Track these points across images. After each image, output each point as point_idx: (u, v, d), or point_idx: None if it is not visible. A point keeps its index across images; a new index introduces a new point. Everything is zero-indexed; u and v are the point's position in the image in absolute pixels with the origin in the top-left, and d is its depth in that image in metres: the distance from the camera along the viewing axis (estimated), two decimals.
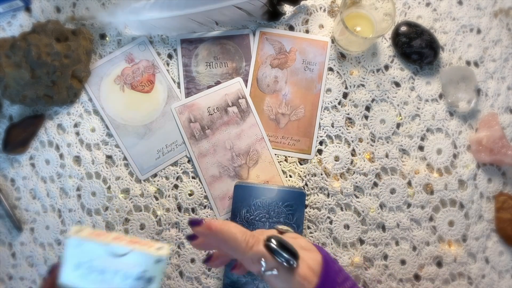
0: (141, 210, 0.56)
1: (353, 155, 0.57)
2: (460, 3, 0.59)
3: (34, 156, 0.56)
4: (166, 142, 0.56)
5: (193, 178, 0.56)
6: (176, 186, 0.56)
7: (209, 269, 0.55)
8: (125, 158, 0.56)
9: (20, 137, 0.55)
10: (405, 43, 0.56)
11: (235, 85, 0.57)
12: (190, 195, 0.56)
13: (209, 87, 0.57)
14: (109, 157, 0.57)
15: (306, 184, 0.56)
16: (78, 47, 0.54)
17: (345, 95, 0.58)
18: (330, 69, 0.58)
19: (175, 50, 0.58)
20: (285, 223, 0.51)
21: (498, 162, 0.56)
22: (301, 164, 0.56)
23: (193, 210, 0.56)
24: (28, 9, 0.58)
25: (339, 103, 0.57)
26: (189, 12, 0.54)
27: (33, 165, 0.56)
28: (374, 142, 0.57)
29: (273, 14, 0.57)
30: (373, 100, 0.57)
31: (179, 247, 0.55)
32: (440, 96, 0.57)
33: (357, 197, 0.56)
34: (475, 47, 0.58)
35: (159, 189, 0.56)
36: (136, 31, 0.57)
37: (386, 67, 0.58)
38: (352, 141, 0.57)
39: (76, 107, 0.57)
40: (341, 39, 0.56)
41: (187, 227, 0.55)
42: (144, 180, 0.56)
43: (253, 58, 0.57)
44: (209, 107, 0.57)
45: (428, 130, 0.57)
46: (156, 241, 0.34)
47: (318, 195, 0.56)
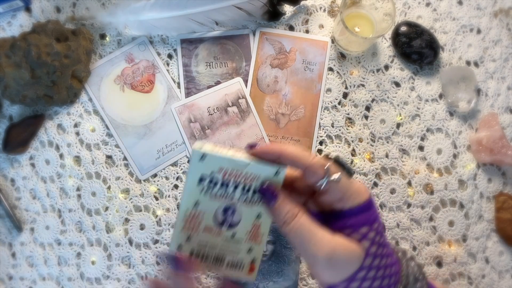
0: (141, 210, 0.56)
1: (353, 155, 0.57)
2: (460, 3, 0.59)
3: (34, 156, 0.56)
4: (166, 142, 0.56)
5: None
6: (176, 186, 0.56)
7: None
8: (125, 158, 0.56)
9: (20, 137, 0.55)
10: (405, 43, 0.56)
11: (235, 85, 0.57)
12: None
13: (209, 87, 0.57)
14: (109, 157, 0.57)
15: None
16: (78, 47, 0.54)
17: (345, 95, 0.58)
18: (330, 69, 0.58)
19: (175, 50, 0.58)
20: None
21: (498, 162, 0.56)
22: None
23: None
24: (28, 9, 0.58)
25: (339, 103, 0.57)
26: (189, 12, 0.54)
27: (33, 165, 0.56)
28: (374, 142, 0.57)
29: (273, 14, 0.57)
30: (373, 100, 0.57)
31: None
32: (440, 96, 0.57)
33: None
34: (475, 47, 0.58)
35: (159, 189, 0.56)
36: (136, 31, 0.57)
37: (386, 67, 0.58)
38: (352, 141, 0.56)
39: (76, 107, 0.57)
40: (341, 39, 0.56)
41: None
42: (144, 180, 0.56)
43: (253, 58, 0.57)
44: (209, 107, 0.57)
45: (428, 130, 0.57)
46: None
47: None
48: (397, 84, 0.58)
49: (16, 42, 0.52)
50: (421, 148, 0.57)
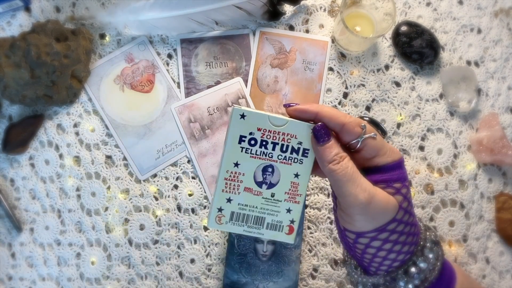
0: (140, 211, 0.56)
1: None
2: (460, 3, 0.59)
3: (34, 156, 0.56)
4: (166, 142, 0.56)
5: (193, 178, 0.56)
6: (176, 187, 0.56)
7: (209, 270, 0.55)
8: (124, 158, 0.56)
9: (20, 137, 0.55)
10: (406, 43, 0.56)
11: (235, 85, 0.57)
12: (190, 195, 0.56)
13: (209, 87, 0.57)
14: (108, 157, 0.57)
15: (308, 185, 0.56)
16: (77, 47, 0.54)
17: (345, 95, 0.57)
18: (330, 69, 0.58)
19: (175, 50, 0.58)
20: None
21: (499, 162, 0.55)
22: None
23: (193, 210, 0.56)
24: (27, 9, 0.58)
25: (339, 103, 0.57)
26: (189, 12, 0.54)
27: (32, 165, 0.56)
28: None
29: (273, 14, 0.57)
30: (373, 100, 0.57)
31: (179, 247, 0.55)
32: (441, 96, 0.57)
33: None
34: (475, 47, 0.58)
35: (159, 189, 0.56)
36: (136, 31, 0.57)
37: (387, 67, 0.58)
38: None
39: (75, 107, 0.57)
40: (341, 39, 0.56)
41: (187, 227, 0.55)
42: (144, 180, 0.56)
43: (253, 58, 0.57)
44: (209, 107, 0.57)
45: (428, 130, 0.57)
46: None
47: (318, 195, 0.56)
48: (398, 84, 0.58)
49: (16, 42, 0.52)
50: (421, 148, 0.57)
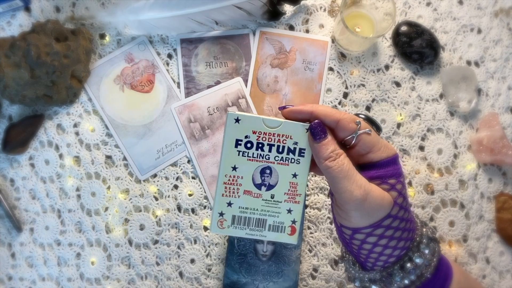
0: (140, 211, 0.56)
1: None
2: (460, 2, 0.59)
3: (34, 156, 0.56)
4: (166, 142, 0.56)
5: (193, 178, 0.56)
6: (176, 187, 0.56)
7: (209, 270, 0.55)
8: (124, 158, 0.56)
9: (20, 137, 0.55)
10: (406, 42, 0.56)
11: (235, 85, 0.57)
12: (190, 195, 0.56)
13: (209, 87, 0.57)
14: (108, 157, 0.56)
15: (306, 184, 0.56)
16: (77, 47, 0.54)
17: (345, 95, 0.57)
18: (331, 69, 0.57)
19: (175, 50, 0.58)
20: None
21: (499, 162, 0.55)
22: None
23: (193, 210, 0.56)
24: (27, 8, 0.58)
25: (339, 103, 0.57)
26: (189, 12, 0.54)
27: (32, 165, 0.56)
28: None
29: (273, 14, 0.57)
30: (373, 100, 0.57)
31: (179, 247, 0.55)
32: (441, 96, 0.57)
33: None
34: (475, 47, 0.58)
35: (159, 189, 0.56)
36: (136, 30, 0.57)
37: (387, 67, 0.58)
38: None
39: (75, 107, 0.57)
40: (341, 38, 0.56)
41: (187, 227, 0.55)
42: (144, 181, 0.56)
43: (253, 58, 0.57)
44: (209, 107, 0.56)
45: (428, 130, 0.57)
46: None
47: (318, 195, 0.56)
48: (398, 84, 0.58)
49: (16, 42, 0.52)
50: (421, 148, 0.57)
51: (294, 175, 0.36)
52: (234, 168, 0.36)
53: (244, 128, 0.35)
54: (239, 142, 0.35)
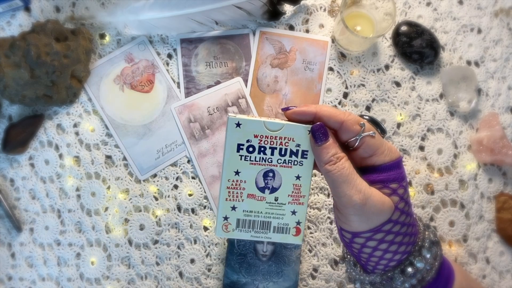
0: (140, 211, 0.56)
1: None
2: (460, 2, 0.59)
3: (34, 156, 0.56)
4: (165, 142, 0.56)
5: (193, 178, 0.56)
6: (176, 187, 0.56)
7: (209, 270, 0.55)
8: (124, 158, 0.56)
9: (20, 137, 0.55)
10: (406, 42, 0.56)
11: (235, 85, 0.57)
12: (190, 195, 0.56)
13: (209, 87, 0.57)
14: (108, 157, 0.56)
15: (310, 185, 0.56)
16: (77, 47, 0.54)
17: (345, 95, 0.57)
18: (331, 69, 0.57)
19: (174, 50, 0.58)
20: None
21: (499, 162, 0.55)
22: None
23: (193, 210, 0.56)
24: (27, 8, 0.58)
25: (339, 103, 0.57)
26: (188, 12, 0.54)
27: (32, 165, 0.56)
28: None
29: (273, 14, 0.57)
30: (373, 100, 0.57)
31: (179, 247, 0.55)
32: (441, 96, 0.57)
33: None
34: (475, 47, 0.58)
35: (159, 189, 0.56)
36: (136, 30, 0.57)
37: (387, 67, 0.58)
38: None
39: (75, 107, 0.57)
40: (341, 38, 0.56)
41: (187, 227, 0.55)
42: (144, 181, 0.56)
43: (253, 57, 0.57)
44: (209, 107, 0.56)
45: (428, 130, 0.57)
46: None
47: (318, 195, 0.56)
48: (398, 84, 0.58)
49: (16, 41, 0.52)
50: (421, 148, 0.57)
51: (298, 177, 0.36)
52: (237, 173, 0.35)
53: (245, 132, 0.35)
54: (241, 147, 0.35)
